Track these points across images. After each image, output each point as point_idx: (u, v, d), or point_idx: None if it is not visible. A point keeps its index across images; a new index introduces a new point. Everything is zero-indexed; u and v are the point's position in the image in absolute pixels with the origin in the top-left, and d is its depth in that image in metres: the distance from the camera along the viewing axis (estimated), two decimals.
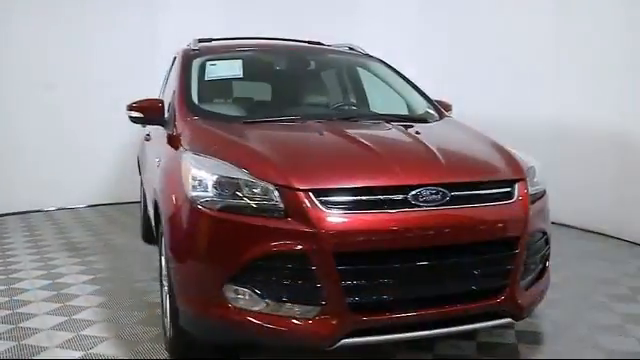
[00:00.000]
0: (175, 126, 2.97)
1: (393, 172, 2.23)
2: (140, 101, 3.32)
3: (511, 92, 5.68)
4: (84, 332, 3.09)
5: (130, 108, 3.29)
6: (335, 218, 2.07)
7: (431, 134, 2.68)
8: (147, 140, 4.73)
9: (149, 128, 4.60)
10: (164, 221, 2.46)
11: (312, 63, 3.84)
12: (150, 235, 4.98)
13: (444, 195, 2.19)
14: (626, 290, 3.66)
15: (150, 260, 4.50)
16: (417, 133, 2.72)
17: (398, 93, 3.67)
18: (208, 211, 2.20)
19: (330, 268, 2.04)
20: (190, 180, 2.31)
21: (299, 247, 2.05)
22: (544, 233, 2.50)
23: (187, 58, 3.54)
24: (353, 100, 3.79)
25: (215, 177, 2.24)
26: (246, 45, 3.96)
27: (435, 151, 2.40)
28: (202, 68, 3.42)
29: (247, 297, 2.14)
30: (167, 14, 7.15)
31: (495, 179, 2.35)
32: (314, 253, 2.04)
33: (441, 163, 2.32)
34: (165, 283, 2.79)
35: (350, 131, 2.64)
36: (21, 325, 3.20)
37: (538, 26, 5.52)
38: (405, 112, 3.43)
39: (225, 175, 2.23)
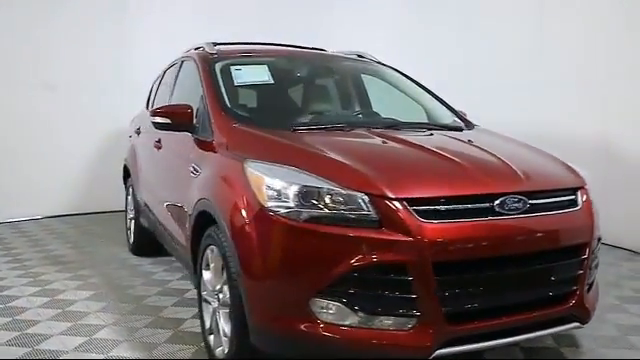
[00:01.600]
0: (214, 133, 2.85)
1: (479, 181, 2.24)
2: (167, 106, 3.19)
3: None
4: (112, 353, 2.90)
5: (155, 114, 3.15)
6: (433, 227, 2.05)
7: (484, 143, 2.71)
8: (138, 146, 4.54)
9: (143, 135, 4.44)
10: (230, 235, 2.33)
11: (334, 70, 3.80)
12: (143, 247, 4.80)
13: (525, 203, 2.22)
14: (631, 292, 3.83)
15: (148, 273, 4.33)
16: (470, 142, 2.75)
17: (416, 101, 3.69)
18: (293, 223, 2.11)
19: (428, 278, 2.02)
20: (264, 190, 2.22)
21: (397, 257, 2.01)
22: (599, 239, 2.59)
23: (208, 62, 3.42)
24: (376, 108, 3.78)
25: (296, 187, 2.16)
26: (260, 51, 3.88)
27: (506, 160, 2.43)
28: (226, 73, 3.30)
29: (337, 311, 2.07)
30: (135, 19, 6.90)
31: (563, 187, 2.41)
32: (413, 263, 2.01)
33: (517, 172, 2.35)
34: (211, 300, 2.68)
35: (412, 140, 2.62)
36: (39, 348, 2.97)
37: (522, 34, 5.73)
38: (433, 120, 3.45)
39: (308, 185, 2.15)
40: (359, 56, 4.10)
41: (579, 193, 2.44)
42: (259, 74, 3.36)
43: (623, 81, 4.80)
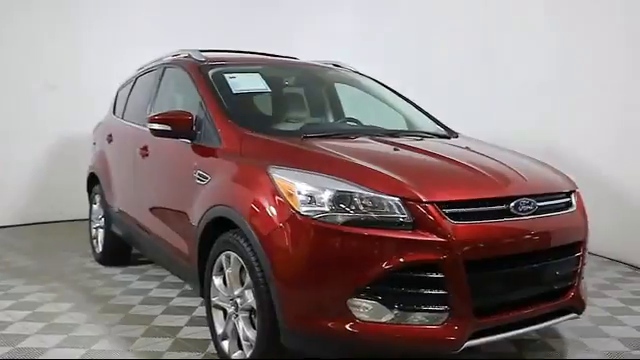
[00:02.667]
0: (222, 140, 2.89)
1: (496, 185, 2.43)
2: (166, 113, 3.18)
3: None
4: None
5: (153, 120, 3.14)
6: (462, 228, 2.21)
7: (481, 150, 2.92)
8: (110, 153, 4.45)
9: (119, 142, 4.36)
10: (258, 240, 2.37)
11: (321, 80, 3.92)
12: (113, 256, 4.70)
13: (534, 205, 2.43)
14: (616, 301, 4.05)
15: (124, 282, 4.27)
16: (468, 149, 2.95)
17: (395, 109, 3.87)
18: (331, 226, 2.21)
19: (460, 275, 2.18)
20: (297, 196, 2.30)
21: (431, 257, 2.16)
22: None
23: (201, 70, 3.44)
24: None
25: (330, 192, 2.26)
26: (248, 59, 3.93)
27: (511, 166, 2.64)
28: (222, 81, 3.34)
29: (374, 309, 2.19)
30: (88, 24, 6.71)
31: (561, 190, 2.65)
32: (446, 262, 2.16)
33: (523, 176, 2.56)
34: (225, 306, 2.72)
35: (420, 147, 2.79)
36: None
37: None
38: (414, 128, 3.62)
39: (342, 190, 2.26)
40: (335, 65, 4.23)
41: (573, 196, 2.69)
42: (255, 82, 3.42)
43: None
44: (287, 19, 7.39)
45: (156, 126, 3.12)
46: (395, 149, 2.75)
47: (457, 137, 3.44)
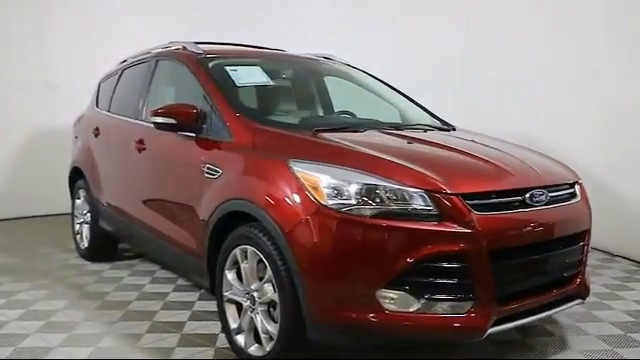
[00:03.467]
0: (233, 134, 2.87)
1: (511, 176, 2.51)
2: (170, 106, 3.14)
3: None
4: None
5: (157, 114, 3.10)
6: (485, 219, 2.27)
7: (487, 143, 2.99)
8: (97, 147, 4.35)
9: (108, 135, 4.26)
10: (282, 234, 2.37)
11: (318, 72, 3.92)
12: (100, 251, 4.61)
13: (546, 196, 2.52)
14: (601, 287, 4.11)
15: (115, 278, 4.20)
16: (474, 141, 3.02)
17: (389, 102, 3.92)
18: (359, 219, 2.23)
19: (484, 264, 2.24)
20: (322, 189, 2.32)
21: (458, 247, 2.21)
22: None
23: (200, 62, 3.40)
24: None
25: (357, 185, 2.28)
26: (244, 52, 3.90)
27: (521, 158, 2.73)
28: (223, 74, 3.31)
29: (401, 299, 2.23)
30: (52, 15, 6.50)
31: (567, 181, 2.75)
32: (471, 252, 2.22)
33: (534, 168, 2.65)
34: (241, 300, 2.71)
35: (431, 140, 2.85)
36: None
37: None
38: (409, 120, 3.67)
39: (368, 182, 2.28)
40: (326, 58, 4.24)
41: (577, 187, 2.80)
42: (256, 75, 3.40)
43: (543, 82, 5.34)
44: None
45: (160, 119, 3.07)
46: (409, 142, 2.80)
47: (455, 130, 3.52)
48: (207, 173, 2.92)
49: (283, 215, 2.41)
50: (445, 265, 2.22)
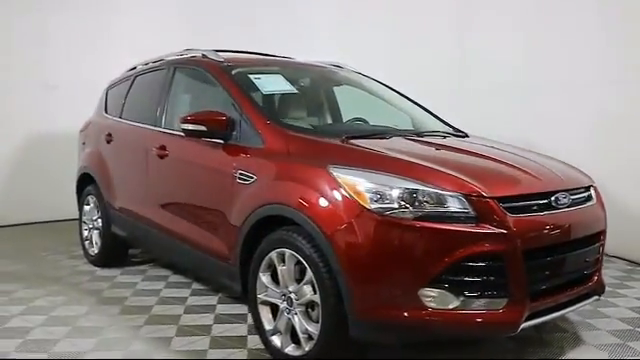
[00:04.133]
0: (265, 141, 2.97)
1: (538, 180, 2.66)
2: (200, 113, 3.22)
3: None
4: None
5: (187, 121, 3.18)
6: (519, 220, 2.42)
7: (506, 148, 3.15)
8: (111, 153, 4.39)
9: (123, 141, 4.31)
10: (325, 236, 2.47)
11: (334, 81, 4.04)
12: (112, 257, 4.64)
13: (568, 199, 2.68)
14: None
15: (129, 284, 4.23)
16: (493, 147, 3.17)
17: (401, 110, 4.05)
18: (401, 221, 2.36)
19: (519, 264, 2.38)
20: (365, 193, 2.43)
21: (495, 247, 2.35)
22: None
23: (224, 70, 3.49)
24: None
25: (398, 190, 2.40)
26: (262, 60, 4.00)
27: (542, 163, 2.89)
28: (248, 82, 3.41)
29: (441, 297, 2.35)
30: (46, 17, 6.49)
31: (584, 185, 2.91)
32: (507, 252, 2.36)
33: (556, 173, 2.81)
34: (277, 302, 2.81)
35: (456, 146, 2.99)
36: None
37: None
38: (421, 127, 3.79)
39: (409, 187, 2.41)
40: (336, 66, 4.36)
41: (592, 190, 2.97)
42: (279, 83, 3.50)
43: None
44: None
45: (190, 126, 3.16)
46: (437, 148, 2.94)
47: (468, 136, 3.67)
48: (239, 179, 3.01)
49: (326, 219, 2.51)
50: (483, 264, 2.36)
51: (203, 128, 3.14)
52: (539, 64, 5.50)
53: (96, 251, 4.70)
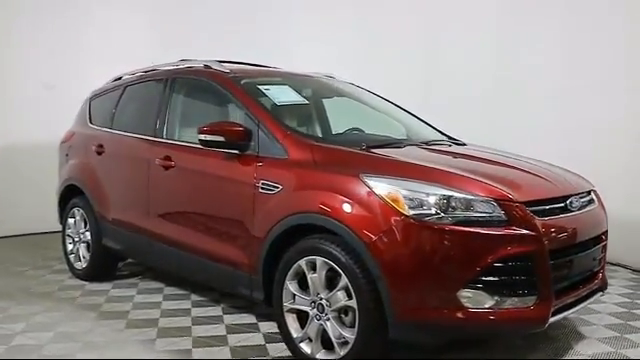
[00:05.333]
0: (289, 151, 3.02)
1: (554, 185, 2.85)
2: (218, 124, 3.24)
3: None
4: None
5: (204, 132, 3.20)
6: (544, 223, 2.58)
7: (511, 155, 3.34)
8: (103, 164, 4.31)
9: (116, 153, 4.23)
10: (364, 243, 2.56)
11: (336, 91, 4.12)
12: (101, 270, 4.54)
13: (579, 202, 2.88)
14: None
15: (125, 297, 4.15)
16: (498, 155, 3.35)
17: (394, 119, 4.19)
18: (440, 226, 2.47)
19: (546, 263, 2.54)
20: (403, 201, 2.54)
21: (527, 248, 2.50)
22: None
23: (234, 81, 3.52)
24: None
25: (435, 196, 2.52)
26: (263, 72, 4.04)
27: (547, 168, 3.09)
28: (260, 93, 3.45)
29: (478, 297, 2.48)
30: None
31: (588, 189, 3.13)
32: (536, 252, 2.51)
33: (565, 178, 3.01)
34: (307, 309, 2.85)
35: (470, 154, 3.15)
36: None
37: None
38: (416, 136, 3.91)
39: (445, 194, 2.53)
40: (328, 77, 4.46)
41: (593, 194, 3.19)
42: (289, 94, 3.56)
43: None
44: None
45: (208, 137, 3.17)
46: (454, 157, 3.09)
47: (466, 145, 3.84)
48: (262, 188, 3.04)
49: (364, 226, 2.59)
50: (515, 264, 2.50)
51: (221, 139, 3.15)
52: (506, 78, 5.80)
53: (84, 265, 4.57)
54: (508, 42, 5.79)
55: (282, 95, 3.49)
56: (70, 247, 4.72)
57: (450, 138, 3.97)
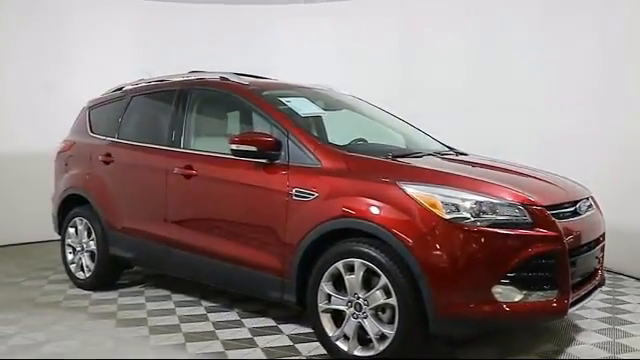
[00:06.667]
0: (322, 160, 3.22)
1: (564, 191, 3.18)
2: (249, 135, 3.40)
3: None
4: None
5: (235, 142, 3.35)
6: (564, 225, 2.88)
7: (512, 164, 3.65)
8: (113, 173, 4.35)
9: (127, 162, 4.29)
10: (405, 245, 2.78)
11: (339, 104, 4.33)
12: (106, 279, 4.58)
13: (585, 206, 3.22)
14: None
15: (137, 305, 4.21)
16: (508, 164, 3.65)
17: (394, 129, 4.43)
18: (476, 229, 2.73)
19: (566, 260, 2.83)
20: (441, 206, 2.78)
21: (551, 247, 2.79)
22: None
23: (256, 93, 3.68)
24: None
25: (470, 202, 2.78)
26: (277, 84, 4.20)
27: (552, 176, 3.42)
28: (282, 104, 3.63)
29: (509, 292, 2.74)
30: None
31: (587, 195, 3.48)
32: (558, 251, 2.81)
33: (570, 184, 3.35)
34: (344, 308, 3.03)
35: (485, 163, 3.44)
36: None
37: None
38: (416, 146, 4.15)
39: (479, 199, 2.79)
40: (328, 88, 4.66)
41: (590, 199, 3.54)
42: (309, 106, 3.75)
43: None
44: None
45: (242, 147, 3.33)
46: (473, 166, 3.37)
47: (467, 154, 4.13)
48: (296, 196, 3.21)
49: (405, 230, 2.82)
50: (541, 262, 2.79)
51: (253, 149, 3.31)
52: (477, 91, 6.17)
53: (87, 275, 4.57)
54: (483, 53, 6.14)
55: (303, 107, 3.68)
56: (70, 257, 4.71)
57: (450, 148, 4.25)
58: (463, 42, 6.29)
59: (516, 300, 2.77)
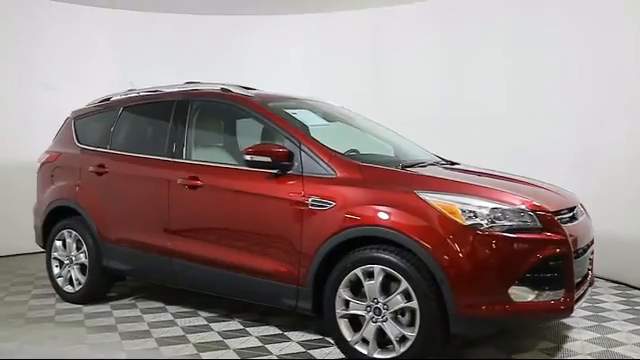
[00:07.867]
0: (337, 170, 3.31)
1: (564, 198, 3.40)
2: (263, 146, 3.46)
3: None
4: None
5: (250, 153, 3.41)
6: (568, 229, 3.10)
7: (507, 173, 3.87)
8: (108, 184, 4.30)
9: (122, 173, 4.24)
10: (426, 251, 2.92)
11: (334, 115, 4.41)
12: (97, 292, 4.51)
13: (580, 212, 3.46)
14: None
15: (134, 318, 4.16)
16: (507, 173, 3.85)
17: (384, 140, 4.58)
18: (493, 234, 2.90)
19: (571, 262, 3.04)
20: (460, 213, 2.94)
21: (561, 250, 2.99)
22: None
23: (263, 105, 3.74)
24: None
25: (486, 209, 2.95)
26: (277, 96, 4.26)
27: (548, 184, 3.65)
28: (289, 115, 3.72)
29: (523, 292, 2.92)
30: None
31: (579, 202, 3.72)
32: (565, 253, 3.01)
33: (565, 192, 3.59)
34: (362, 313, 3.13)
35: (485, 172, 3.64)
36: None
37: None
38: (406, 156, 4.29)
39: (494, 206, 2.96)
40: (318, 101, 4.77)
41: (580, 206, 3.79)
42: (314, 118, 3.85)
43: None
44: None
45: (256, 158, 3.38)
46: (478, 175, 3.55)
47: (459, 164, 4.31)
48: (312, 205, 3.30)
49: (426, 236, 2.96)
50: (550, 264, 2.99)
51: (267, 159, 3.38)
52: (453, 101, 6.45)
53: (77, 288, 4.46)
54: (458, 64, 6.43)
55: (309, 119, 3.77)
56: (57, 270, 4.59)
57: (440, 158, 4.44)
58: (437, 52, 6.55)
59: (529, 300, 2.95)
